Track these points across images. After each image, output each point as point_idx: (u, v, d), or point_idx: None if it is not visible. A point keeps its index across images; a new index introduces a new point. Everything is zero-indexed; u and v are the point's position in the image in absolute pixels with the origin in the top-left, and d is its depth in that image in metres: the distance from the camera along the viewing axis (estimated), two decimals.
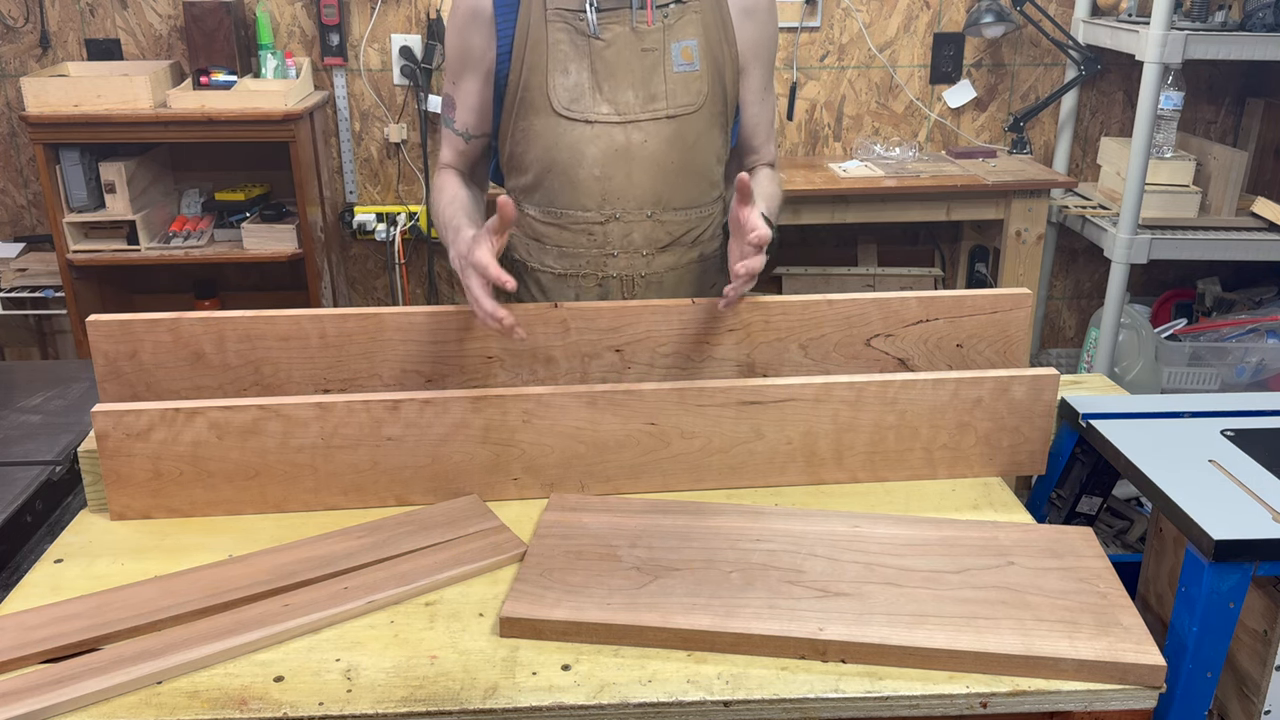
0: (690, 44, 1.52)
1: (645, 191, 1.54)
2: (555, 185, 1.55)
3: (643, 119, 1.52)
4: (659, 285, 1.61)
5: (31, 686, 1.03)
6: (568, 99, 1.51)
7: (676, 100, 1.52)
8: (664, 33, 1.51)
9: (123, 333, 1.42)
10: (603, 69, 1.50)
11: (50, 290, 3.11)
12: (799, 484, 1.42)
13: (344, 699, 1.03)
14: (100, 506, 1.36)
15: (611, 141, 1.52)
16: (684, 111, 1.53)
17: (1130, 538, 2.55)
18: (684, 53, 1.52)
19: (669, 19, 1.51)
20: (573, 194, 1.54)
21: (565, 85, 1.51)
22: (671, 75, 1.52)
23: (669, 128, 1.52)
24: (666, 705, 1.04)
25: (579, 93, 1.51)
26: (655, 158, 1.53)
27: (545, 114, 1.52)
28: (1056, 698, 1.06)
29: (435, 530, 1.29)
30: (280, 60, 3.12)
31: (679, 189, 1.56)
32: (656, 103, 1.52)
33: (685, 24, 1.52)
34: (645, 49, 1.51)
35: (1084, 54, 3.25)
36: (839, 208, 3.06)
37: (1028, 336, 1.55)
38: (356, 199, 3.42)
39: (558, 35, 1.50)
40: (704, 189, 1.60)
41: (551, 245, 1.59)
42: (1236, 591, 1.15)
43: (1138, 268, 3.03)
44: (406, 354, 1.47)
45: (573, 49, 1.50)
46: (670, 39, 1.51)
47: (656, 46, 1.51)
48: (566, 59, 1.50)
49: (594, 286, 1.60)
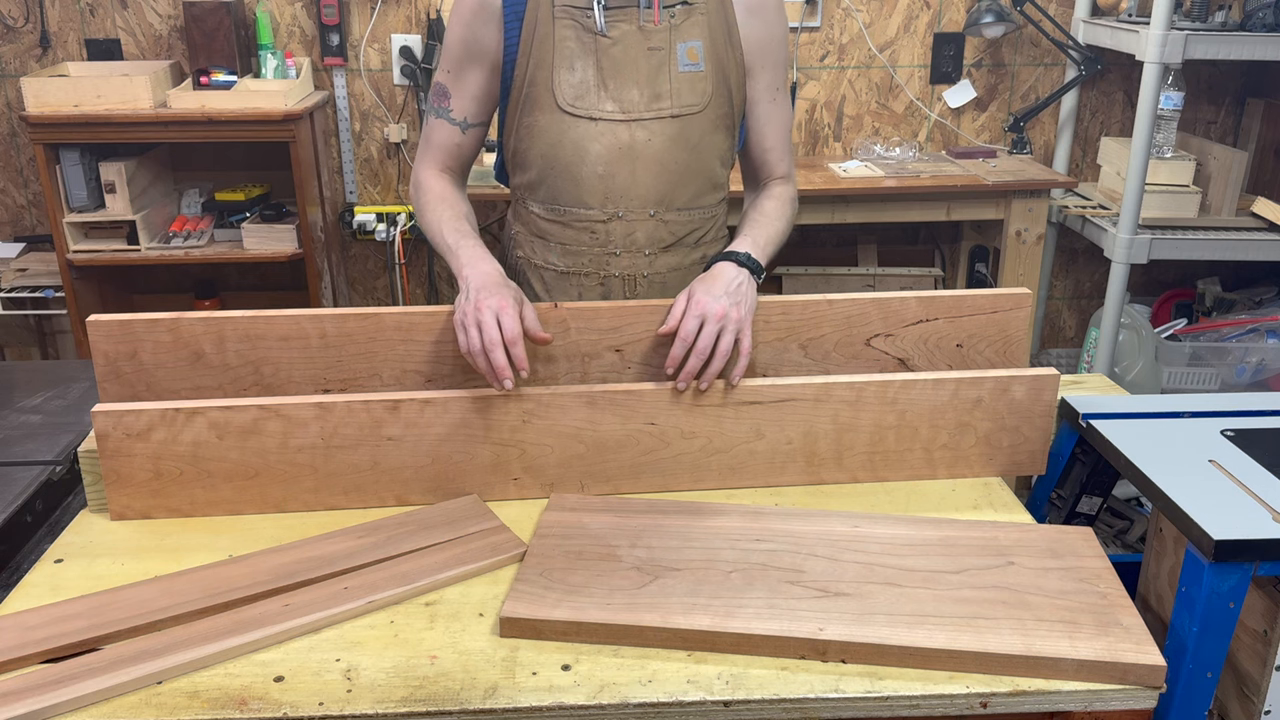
0: (695, 44, 1.52)
1: (648, 190, 1.54)
2: (558, 182, 1.55)
3: (647, 118, 1.52)
4: (662, 285, 1.61)
5: (31, 686, 1.03)
6: (573, 95, 1.51)
7: (681, 100, 1.52)
8: (670, 32, 1.51)
9: (123, 333, 1.42)
10: (609, 66, 1.50)
11: (50, 290, 3.11)
12: (799, 484, 1.42)
13: (344, 699, 1.03)
14: (100, 506, 1.36)
15: (615, 139, 1.52)
16: (688, 111, 1.53)
17: (1130, 538, 2.55)
18: (689, 53, 1.52)
19: (675, 19, 1.51)
20: (576, 191, 1.54)
21: (570, 82, 1.51)
22: (677, 75, 1.52)
23: (673, 127, 1.52)
24: (666, 705, 1.04)
25: (584, 89, 1.51)
26: (659, 157, 1.53)
27: (550, 110, 1.52)
28: (1056, 698, 1.06)
29: (435, 530, 1.29)
30: (280, 60, 3.12)
31: (682, 189, 1.56)
32: (661, 102, 1.52)
33: (691, 25, 1.52)
34: (651, 48, 1.51)
35: (1084, 54, 3.25)
36: (839, 208, 3.06)
37: (1028, 336, 1.55)
38: (356, 199, 3.42)
39: (564, 32, 1.50)
40: (707, 190, 1.60)
41: (555, 243, 1.59)
42: (1236, 591, 1.14)
43: (1138, 268, 3.03)
44: (406, 354, 1.47)
45: (579, 46, 1.50)
46: (676, 39, 1.51)
47: (662, 46, 1.51)
48: (573, 56, 1.50)
49: (596, 285, 1.60)
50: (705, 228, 1.62)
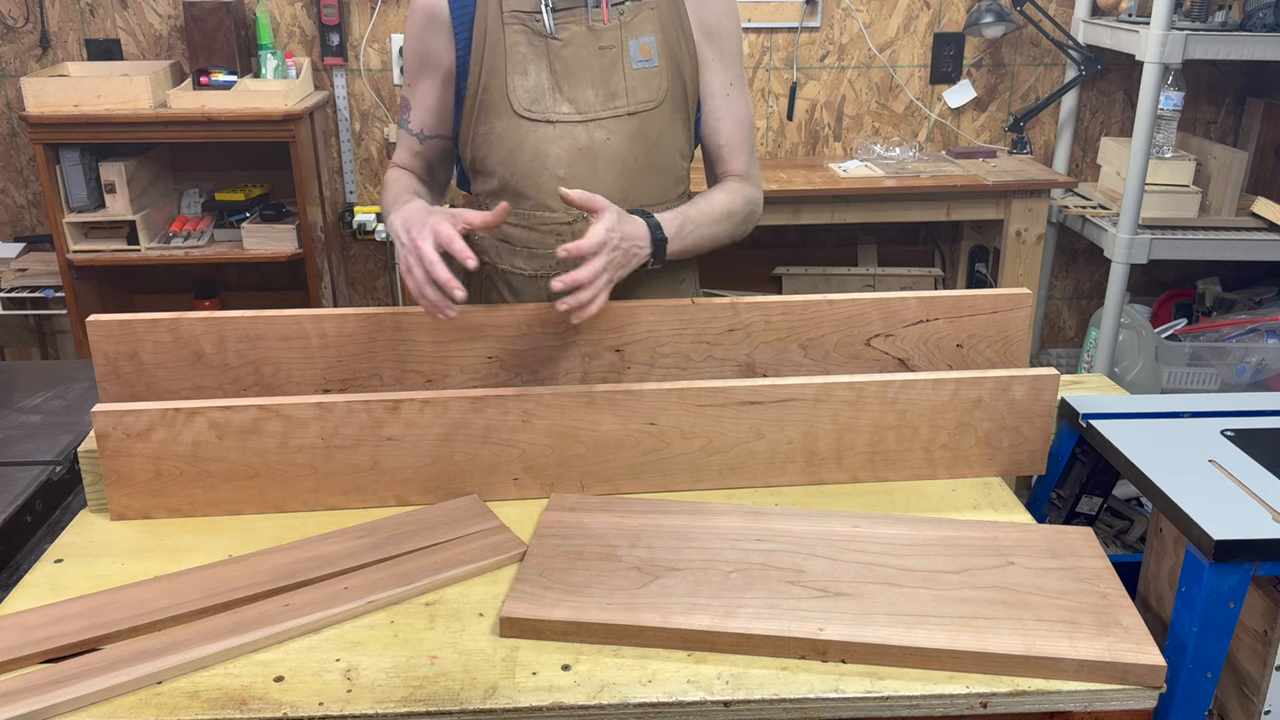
0: (648, 40, 1.52)
1: (611, 189, 1.53)
2: (520, 187, 1.55)
3: (604, 117, 1.52)
4: (628, 282, 1.60)
5: (31, 686, 1.03)
6: (528, 100, 1.51)
7: (636, 97, 1.52)
8: (621, 30, 1.51)
9: (123, 333, 1.42)
10: (561, 69, 1.50)
11: (50, 290, 3.11)
12: (799, 484, 1.42)
13: (344, 699, 1.03)
14: (100, 506, 1.36)
15: (574, 141, 1.52)
16: (645, 108, 1.53)
17: (1130, 538, 2.55)
18: (642, 49, 1.51)
19: (625, 16, 1.51)
20: (539, 195, 1.54)
21: (525, 86, 1.51)
22: (630, 72, 1.51)
23: (631, 124, 1.52)
24: (666, 705, 1.04)
25: (539, 93, 1.51)
26: (619, 155, 1.53)
27: (506, 116, 1.52)
28: (1056, 698, 1.06)
29: (435, 530, 1.29)
30: (280, 60, 3.12)
31: (644, 186, 1.56)
32: (617, 100, 1.52)
33: (642, 20, 1.52)
34: (603, 47, 1.51)
35: (1084, 54, 3.25)
36: (839, 208, 3.06)
37: (1028, 336, 1.55)
38: (356, 199, 3.42)
39: (515, 37, 1.50)
40: (669, 185, 1.59)
41: (521, 247, 1.59)
42: (1236, 591, 1.14)
43: (1138, 268, 3.03)
44: (406, 354, 1.47)
45: (530, 50, 1.50)
46: (627, 36, 1.51)
47: (614, 44, 1.51)
48: (525, 60, 1.50)
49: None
50: None
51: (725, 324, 1.49)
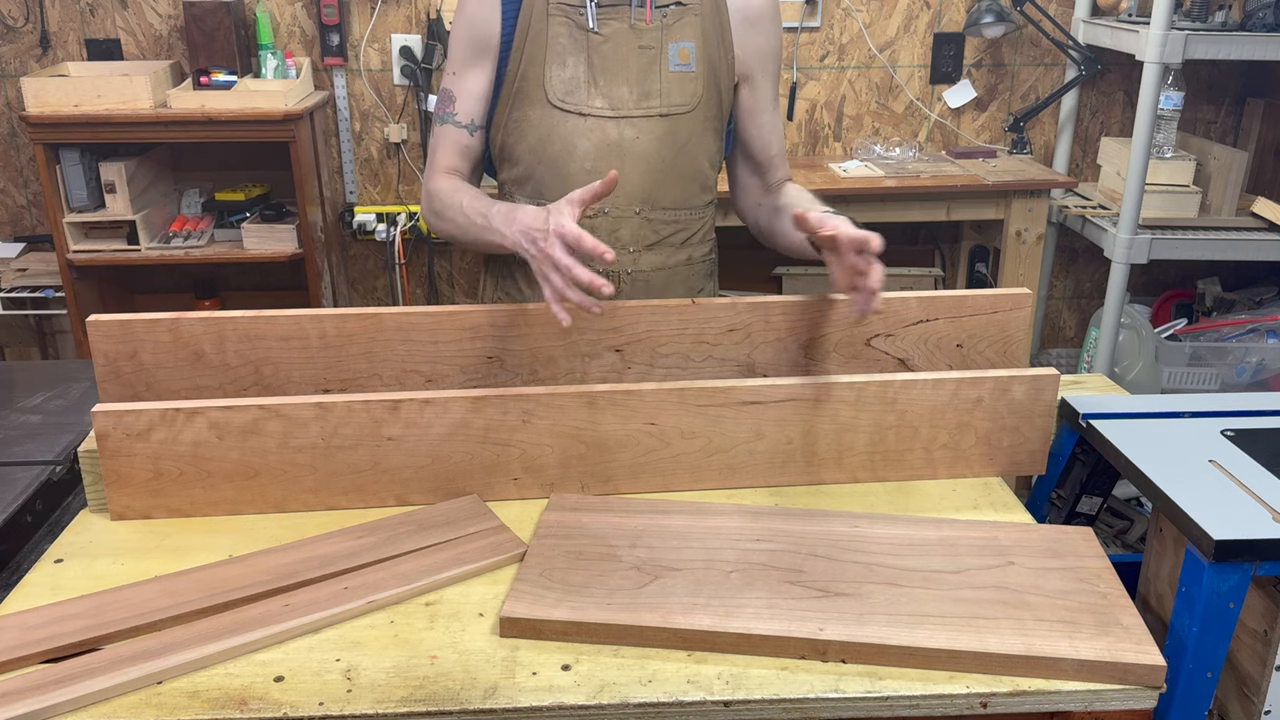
0: (688, 45, 1.53)
1: (635, 188, 1.54)
2: (546, 177, 1.55)
3: (636, 115, 1.52)
4: (645, 284, 1.61)
5: (31, 686, 1.03)
6: (563, 91, 1.52)
7: (671, 99, 1.53)
8: (662, 32, 1.52)
9: (123, 333, 1.42)
10: (599, 63, 1.51)
11: (50, 290, 3.11)
12: (799, 484, 1.42)
13: (344, 699, 1.03)
14: (100, 506, 1.36)
15: (604, 135, 1.52)
16: (677, 111, 1.54)
17: (1130, 538, 2.55)
18: (681, 54, 1.53)
19: (668, 19, 1.52)
20: (563, 186, 1.54)
21: (561, 77, 1.52)
22: (667, 74, 1.53)
23: (662, 125, 1.53)
24: (666, 705, 1.04)
25: (574, 85, 1.52)
26: (646, 154, 1.54)
27: (540, 105, 1.53)
28: (1056, 698, 1.06)
29: (435, 530, 1.29)
30: (280, 60, 3.12)
31: (669, 188, 1.57)
32: (651, 100, 1.52)
33: (684, 25, 1.53)
34: (642, 46, 1.52)
35: (1084, 54, 3.25)
36: (839, 208, 3.02)
37: (1028, 336, 1.55)
38: (356, 199, 3.42)
39: (557, 28, 1.51)
40: (694, 191, 1.60)
41: None
42: (1236, 591, 1.14)
43: (1138, 268, 3.03)
44: (406, 354, 1.47)
45: (571, 42, 1.51)
46: (668, 39, 1.52)
47: (654, 45, 1.52)
48: (565, 52, 1.51)
49: None
50: (692, 228, 1.63)
51: (725, 324, 1.49)
